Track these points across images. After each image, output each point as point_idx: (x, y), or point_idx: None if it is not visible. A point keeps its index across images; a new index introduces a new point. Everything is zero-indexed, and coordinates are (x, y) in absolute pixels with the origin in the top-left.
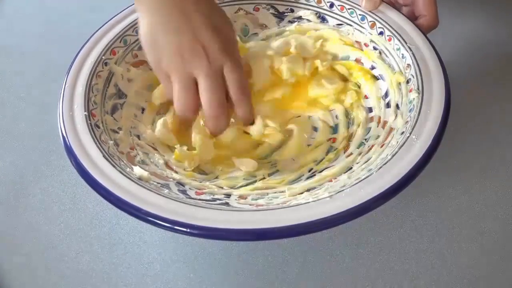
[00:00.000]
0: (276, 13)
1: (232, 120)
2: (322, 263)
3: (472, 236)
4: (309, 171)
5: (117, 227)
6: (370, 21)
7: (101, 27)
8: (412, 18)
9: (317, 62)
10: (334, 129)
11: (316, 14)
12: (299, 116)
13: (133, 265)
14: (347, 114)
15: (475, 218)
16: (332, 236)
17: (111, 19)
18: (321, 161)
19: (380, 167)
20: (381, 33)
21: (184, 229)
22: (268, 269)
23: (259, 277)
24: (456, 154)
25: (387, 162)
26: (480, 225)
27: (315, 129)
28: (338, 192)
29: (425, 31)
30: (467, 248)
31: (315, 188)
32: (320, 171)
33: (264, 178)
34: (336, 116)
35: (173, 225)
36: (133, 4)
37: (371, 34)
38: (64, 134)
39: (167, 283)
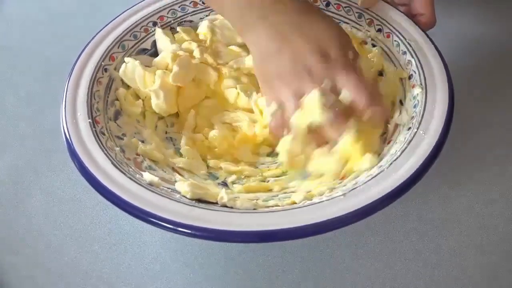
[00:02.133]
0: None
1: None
2: (322, 263)
3: (472, 236)
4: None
5: (117, 227)
6: (367, 19)
7: (98, 33)
8: (409, 17)
9: None
10: None
11: None
12: None
13: (133, 265)
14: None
15: (475, 218)
16: (332, 236)
17: (107, 25)
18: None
19: (391, 164)
20: (379, 30)
21: (193, 232)
22: (268, 269)
23: (259, 277)
24: (456, 154)
25: (397, 158)
26: (480, 225)
27: None
28: (351, 190)
29: (422, 27)
30: (467, 248)
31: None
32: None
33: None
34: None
35: (183, 229)
36: (130, 8)
37: (369, 31)
38: (70, 142)
39: (167, 283)
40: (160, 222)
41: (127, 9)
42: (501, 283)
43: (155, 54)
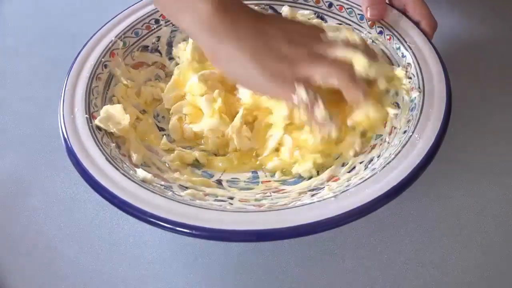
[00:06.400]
0: (274, 13)
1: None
2: (322, 263)
3: (472, 236)
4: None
5: (117, 227)
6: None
7: (99, 30)
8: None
9: None
10: None
11: (315, 14)
12: None
13: (133, 265)
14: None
15: (475, 218)
16: (332, 236)
17: (109, 21)
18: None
19: (384, 167)
20: (380, 32)
21: (189, 231)
22: (268, 269)
23: (259, 277)
24: (456, 154)
25: (390, 161)
26: (480, 225)
27: None
28: (343, 192)
29: (428, 35)
30: (467, 248)
31: (318, 188)
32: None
33: (265, 181)
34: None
35: (181, 228)
36: (131, 6)
37: (370, 33)
38: (66, 137)
39: (167, 283)
40: (147, 218)
41: (129, 7)
42: (501, 283)
43: (157, 51)
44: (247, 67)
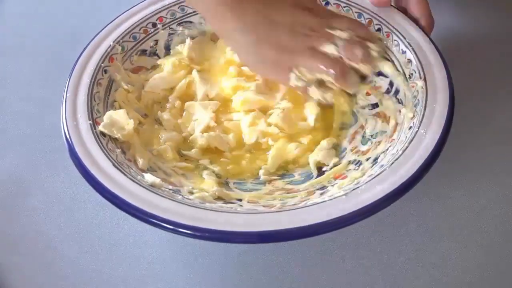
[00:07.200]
0: None
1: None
2: (322, 263)
3: (472, 236)
4: (318, 169)
5: (117, 227)
6: (367, 18)
7: (98, 34)
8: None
9: None
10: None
11: None
12: None
13: (133, 265)
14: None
15: (475, 218)
16: (332, 236)
17: (107, 26)
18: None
19: (393, 163)
20: (379, 30)
21: (207, 234)
22: (268, 269)
23: (259, 277)
24: (456, 154)
25: (399, 157)
26: (480, 225)
27: None
28: (353, 189)
29: (427, 32)
30: (467, 248)
31: (326, 186)
32: (330, 168)
33: (272, 180)
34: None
35: (196, 232)
36: (129, 9)
37: None
38: (71, 144)
39: (167, 283)
40: (161, 223)
41: (127, 10)
42: (501, 283)
43: (155, 55)
44: (250, 53)
